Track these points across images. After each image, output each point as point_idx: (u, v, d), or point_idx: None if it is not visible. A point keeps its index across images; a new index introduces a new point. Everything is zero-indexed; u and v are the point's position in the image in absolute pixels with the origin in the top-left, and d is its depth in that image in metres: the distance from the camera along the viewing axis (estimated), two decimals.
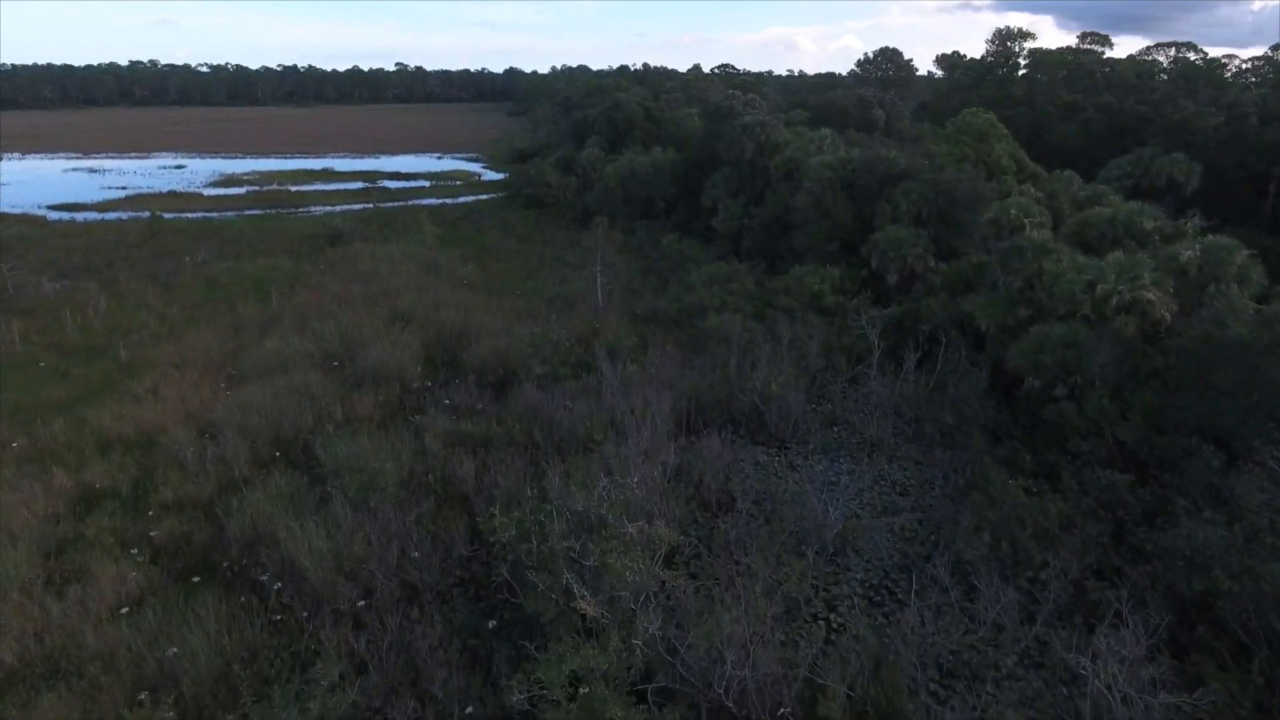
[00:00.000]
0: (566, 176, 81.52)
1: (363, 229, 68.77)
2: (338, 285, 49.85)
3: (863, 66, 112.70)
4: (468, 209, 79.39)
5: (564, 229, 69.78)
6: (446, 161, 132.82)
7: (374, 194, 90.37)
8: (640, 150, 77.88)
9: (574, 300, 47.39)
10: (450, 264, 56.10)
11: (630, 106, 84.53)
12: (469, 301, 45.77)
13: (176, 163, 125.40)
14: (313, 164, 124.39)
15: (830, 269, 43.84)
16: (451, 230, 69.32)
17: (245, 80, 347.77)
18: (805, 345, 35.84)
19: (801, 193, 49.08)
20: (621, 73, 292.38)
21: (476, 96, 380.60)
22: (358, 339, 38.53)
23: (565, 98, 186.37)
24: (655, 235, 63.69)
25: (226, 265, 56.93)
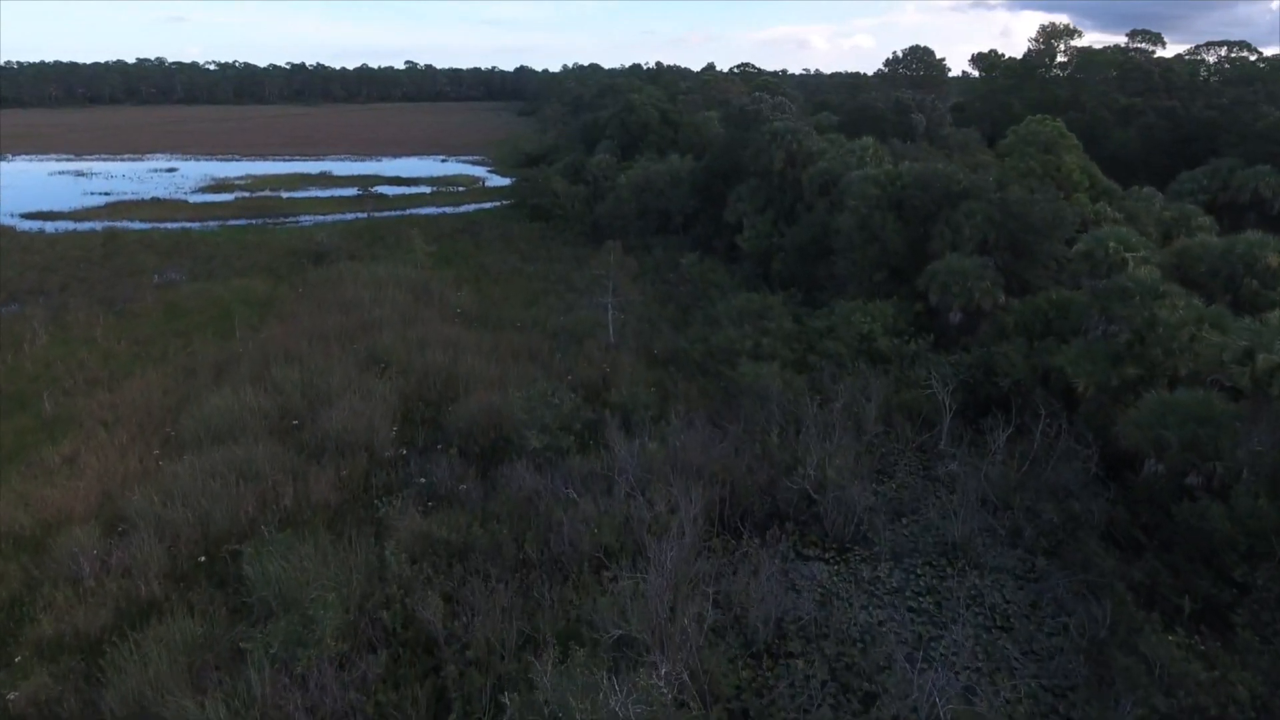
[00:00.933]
0: (575, 185, 75.32)
1: (351, 245, 62.77)
2: (313, 315, 43.80)
3: (890, 66, 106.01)
4: (468, 220, 73.33)
5: (571, 244, 63.60)
6: (451, 165, 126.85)
7: (369, 202, 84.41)
8: (656, 157, 71.63)
9: (582, 334, 41.18)
10: (443, 288, 49.98)
11: (645, 109, 78.32)
12: (460, 338, 39.59)
13: (169, 165, 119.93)
14: (311, 167, 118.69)
15: (880, 304, 37.46)
16: (448, 246, 63.23)
17: (252, 78, 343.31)
18: (860, 407, 29.51)
19: (844, 212, 42.70)
20: (633, 72, 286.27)
21: (486, 95, 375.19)
22: (324, 390, 32.42)
23: (575, 97, 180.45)
24: (673, 254, 57.41)
25: (195, 287, 51.02)
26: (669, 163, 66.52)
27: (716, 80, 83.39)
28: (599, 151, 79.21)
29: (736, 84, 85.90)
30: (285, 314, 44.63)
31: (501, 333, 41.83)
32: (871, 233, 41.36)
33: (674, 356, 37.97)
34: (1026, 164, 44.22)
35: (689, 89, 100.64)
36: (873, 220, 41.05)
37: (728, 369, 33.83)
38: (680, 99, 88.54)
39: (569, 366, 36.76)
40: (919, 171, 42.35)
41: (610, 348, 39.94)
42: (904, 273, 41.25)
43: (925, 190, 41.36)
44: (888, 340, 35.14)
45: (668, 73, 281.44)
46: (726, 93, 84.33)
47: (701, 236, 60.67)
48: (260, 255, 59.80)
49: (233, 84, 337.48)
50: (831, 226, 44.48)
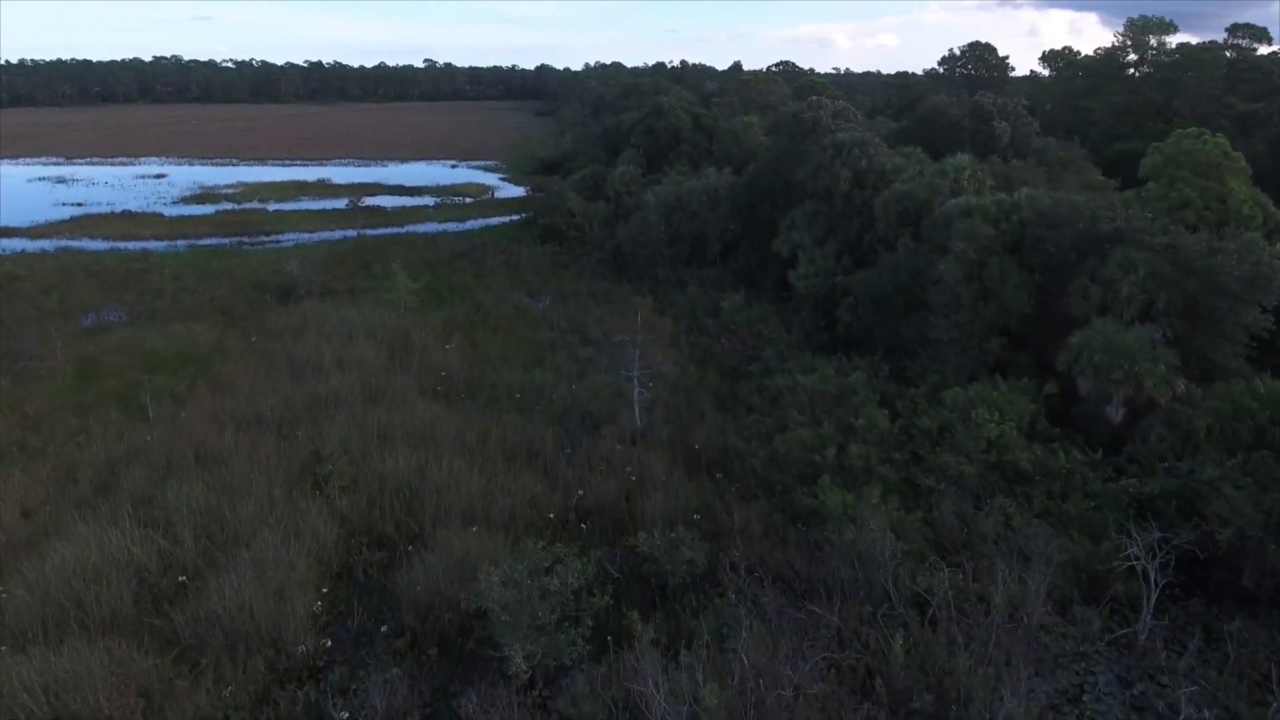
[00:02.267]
0: (594, 202, 65.50)
1: (330, 274, 53.34)
2: (256, 383, 34.25)
3: (947, 65, 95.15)
4: (471, 241, 63.68)
5: (588, 275, 53.71)
6: (461, 171, 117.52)
7: (362, 217, 75.07)
8: (688, 170, 61.66)
9: (599, 415, 31.31)
10: (427, 339, 40.29)
11: (675, 113, 68.29)
12: (437, 424, 29.83)
13: (159, 171, 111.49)
14: (310, 174, 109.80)
15: (1011, 392, 27.25)
16: (443, 276, 53.58)
17: (269, 77, 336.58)
18: (1018, 595, 19.35)
19: (943, 255, 32.46)
20: (657, 70, 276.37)
21: (506, 95, 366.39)
22: (231, 530, 22.80)
23: (596, 98, 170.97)
24: (711, 291, 47.43)
25: (127, 335, 41.73)
26: (704, 178, 56.46)
27: (756, 80, 73.39)
28: (622, 162, 69.31)
29: (778, 84, 75.89)
30: (223, 380, 35.06)
31: (494, 412, 32.04)
32: (983, 286, 31.15)
33: (722, 457, 28.01)
34: (1181, 193, 33.68)
35: (724, 90, 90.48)
36: (988, 270, 30.82)
37: (804, 495, 23.80)
38: (714, 102, 78.36)
39: (580, 475, 26.91)
40: (1048, 204, 32.04)
41: (636, 436, 30.07)
42: (1028, 340, 31.04)
43: (1057, 229, 31.09)
44: (1029, 452, 24.93)
45: (693, 71, 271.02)
46: (768, 94, 74.19)
47: (745, 270, 50.60)
48: (220, 288, 50.45)
49: (249, 83, 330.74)
50: (921, 272, 34.29)
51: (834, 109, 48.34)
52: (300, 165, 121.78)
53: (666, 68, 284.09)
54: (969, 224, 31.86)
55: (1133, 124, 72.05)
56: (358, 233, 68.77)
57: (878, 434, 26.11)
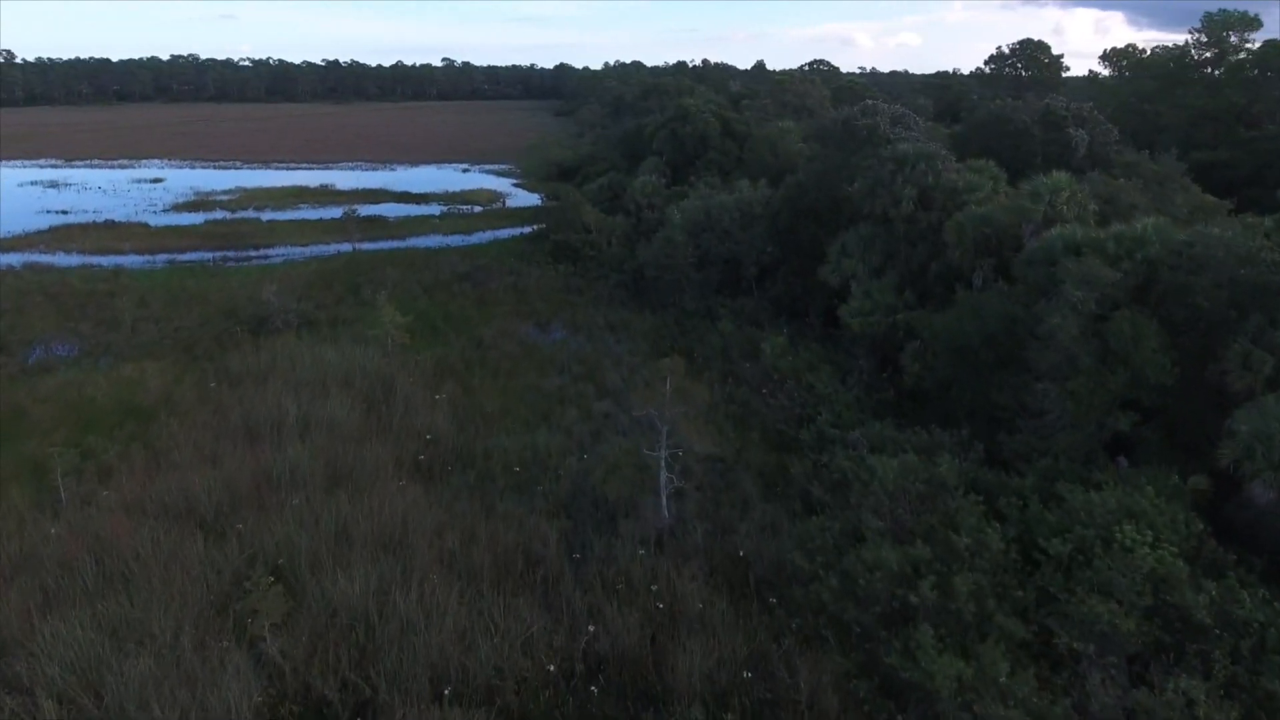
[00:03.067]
0: (612, 215, 59.17)
1: (316, 299, 47.47)
2: (199, 451, 28.19)
3: (994, 64, 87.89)
4: (475, 259, 57.48)
5: (605, 302, 47.39)
6: (472, 175, 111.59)
7: (361, 229, 69.16)
8: (717, 181, 55.19)
9: (616, 506, 24.98)
10: (414, 388, 34.10)
11: (702, 117, 61.71)
12: (412, 518, 23.63)
13: (156, 175, 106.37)
14: (314, 178, 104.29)
15: (1159, 496, 20.61)
16: (440, 302, 47.47)
17: (286, 75, 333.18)
18: None
19: (1053, 305, 25.81)
20: (679, 70, 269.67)
21: (524, 94, 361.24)
22: (114, 699, 16.68)
23: (616, 98, 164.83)
24: (747, 327, 40.96)
25: (70, 376, 35.85)
26: (737, 191, 49.95)
27: (790, 81, 66.68)
28: (643, 170, 62.91)
29: (815, 86, 69.14)
30: (162, 444, 29.01)
31: (486, 493, 25.81)
32: (1107, 345, 24.45)
33: (776, 573, 21.59)
34: None
35: (753, 91, 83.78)
36: (1114, 326, 24.14)
37: (895, 652, 17.32)
38: (744, 104, 71.66)
39: (591, 599, 20.60)
40: (1186, 241, 25.29)
41: (663, 535, 23.75)
42: (1168, 416, 24.36)
43: (1201, 274, 24.34)
44: (1201, 592, 18.26)
45: (715, 71, 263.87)
46: (804, 97, 67.50)
47: (785, 299, 44.05)
48: (188, 317, 44.60)
49: (265, 82, 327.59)
50: (1017, 321, 27.63)
51: (891, 115, 41.64)
52: (306, 169, 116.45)
53: (688, 67, 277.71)
54: (1084, 265, 25.15)
55: (1211, 131, 64.72)
56: (353, 248, 62.77)
57: (989, 558, 19.54)
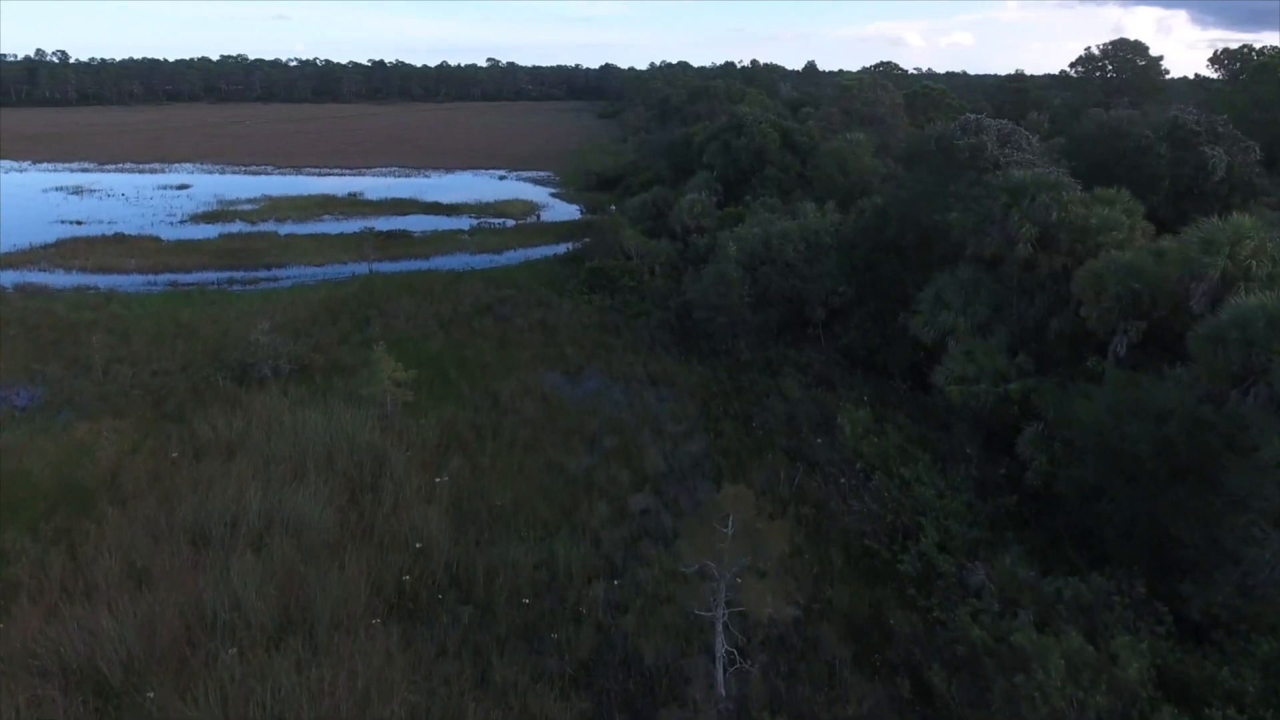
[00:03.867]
0: (655, 237, 52.58)
1: (315, 337, 41.69)
2: (124, 566, 22.21)
3: (1085, 66, 79.08)
4: (501, 288, 51.29)
5: (646, 347, 40.76)
6: (509, 183, 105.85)
7: (381, 247, 63.58)
8: (777, 203, 48.23)
9: (656, 676, 18.39)
10: (411, 468, 27.85)
11: (759, 129, 54.58)
12: (378, 689, 17.33)
13: (183, 181, 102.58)
14: (344, 186, 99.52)
15: None
16: (456, 343, 41.23)
17: (331, 75, 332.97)
18: None
19: (1263, 413, 18.44)
20: (726, 70, 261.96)
21: (569, 94, 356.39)
22: None
23: (662, 100, 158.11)
24: (816, 389, 33.95)
25: (13, 439, 30.35)
26: (801, 217, 42.98)
27: (859, 87, 59.03)
28: (692, 186, 56.12)
29: (888, 92, 61.34)
30: (86, 551, 23.08)
31: (483, 639, 19.42)
32: None
33: None
34: None
35: (815, 96, 76.28)
36: None
37: None
38: (805, 111, 64.24)
39: None
40: None
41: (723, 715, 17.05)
42: None
43: None
44: None
45: (765, 72, 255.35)
46: (875, 104, 59.91)
47: (860, 349, 36.93)
48: (169, 358, 39.05)
49: (312, 82, 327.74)
50: (1209, 426, 20.29)
51: (999, 132, 34.15)
52: (338, 174, 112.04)
53: (736, 68, 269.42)
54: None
55: None
56: (370, 269, 57.04)
57: None
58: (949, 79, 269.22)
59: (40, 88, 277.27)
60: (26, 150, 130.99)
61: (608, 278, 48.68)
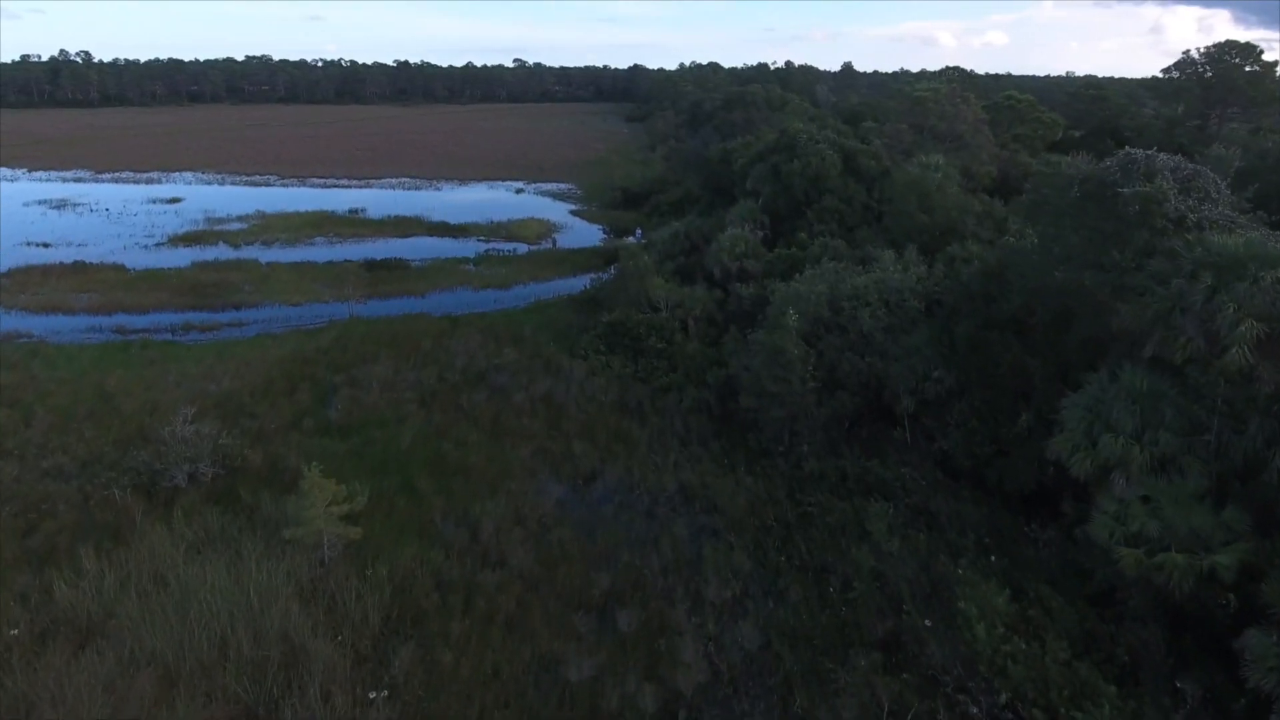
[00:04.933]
0: (689, 283, 43.57)
1: (258, 421, 33.08)
2: None
3: (1180, 71, 68.66)
4: (503, 339, 42.56)
5: (678, 439, 31.62)
6: (527, 198, 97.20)
7: (374, 280, 55.22)
8: (841, 246, 38.89)
9: None
10: (341, 660, 19.03)
11: (815, 150, 44.95)
12: None
13: (176, 194, 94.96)
14: (350, 199, 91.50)
15: None
16: (433, 428, 32.32)
17: (355, 77, 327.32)
18: None
19: None
20: (760, 72, 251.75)
21: (596, 96, 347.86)
22: None
23: (693, 104, 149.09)
24: (916, 535, 24.65)
25: None
26: (875, 267, 33.66)
27: (936, 98, 49.08)
28: (734, 218, 46.85)
29: (970, 106, 51.13)
30: None
31: None
32: None
33: None
34: None
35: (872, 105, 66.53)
36: None
37: None
38: (867, 128, 54.48)
39: None
40: None
41: None
42: None
43: None
44: None
45: (800, 73, 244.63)
46: (954, 119, 49.95)
47: (963, 459, 27.47)
48: (75, 447, 30.57)
49: (335, 83, 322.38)
50: None
51: (1176, 173, 24.49)
52: (345, 185, 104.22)
53: (770, 69, 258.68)
54: None
55: None
56: (350, 312, 48.47)
57: None
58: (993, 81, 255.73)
59: (63, 88, 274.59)
60: (26, 157, 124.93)
61: (630, 335, 39.63)
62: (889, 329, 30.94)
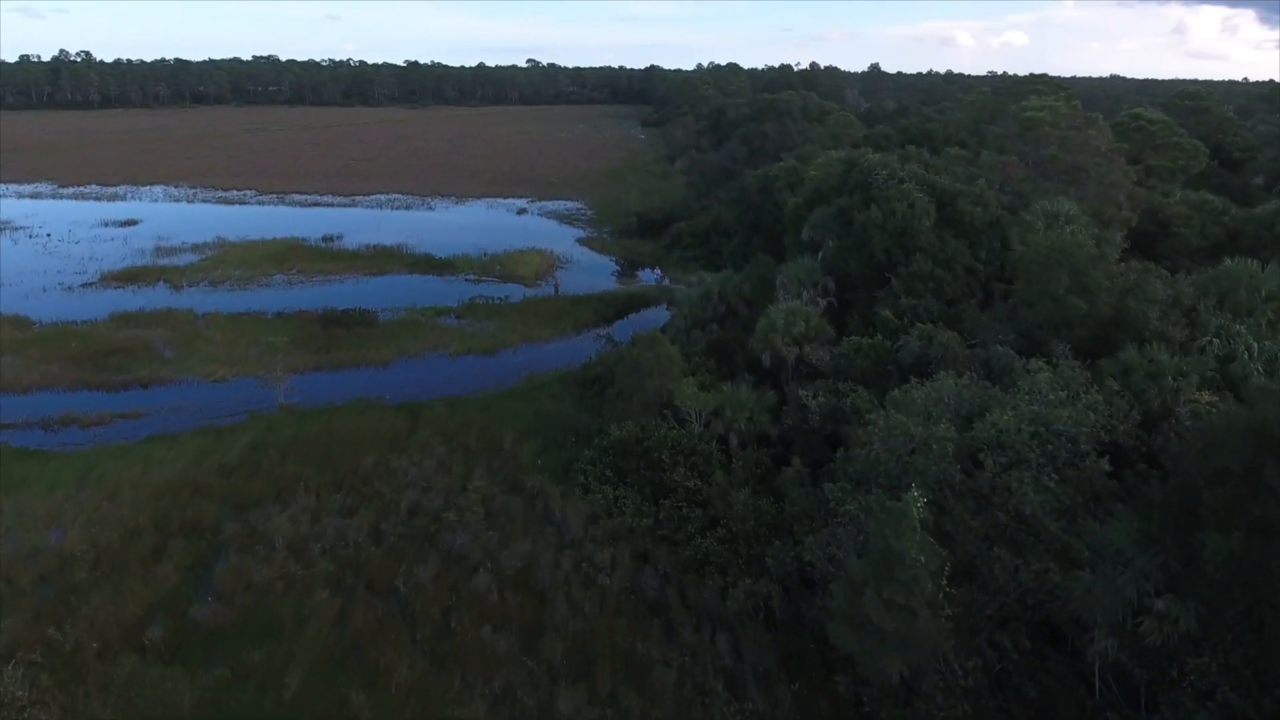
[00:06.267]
0: (725, 368, 32.03)
1: (72, 642, 21.81)
2: None
3: None
4: (474, 449, 31.20)
5: (720, 694, 20.04)
6: (530, 220, 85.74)
7: (327, 339, 44.08)
8: (954, 339, 27.16)
9: None
10: None
11: (904, 196, 32.53)
12: None
13: (135, 214, 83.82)
14: (326, 222, 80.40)
15: None
16: (337, 667, 21.02)
17: (363, 77, 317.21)
18: None
19: None
20: (783, 73, 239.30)
21: (612, 97, 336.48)
22: None
23: (715, 110, 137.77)
24: None
25: None
26: (1021, 388, 21.93)
27: (1055, 123, 37.06)
28: (788, 278, 35.02)
29: (1100, 131, 38.92)
30: None
31: None
32: None
33: None
34: None
35: (964, 125, 54.46)
36: None
37: None
38: (954, 154, 42.26)
39: None
40: None
41: None
42: None
43: None
44: None
45: (825, 76, 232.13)
46: (1083, 147, 37.59)
47: None
48: None
49: (343, 84, 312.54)
50: None
51: None
52: (328, 202, 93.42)
53: (793, 71, 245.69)
54: None
55: None
56: (280, 400, 37.10)
57: None
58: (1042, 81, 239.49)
59: (63, 90, 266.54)
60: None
61: (647, 459, 28.03)
62: (1059, 509, 19.27)
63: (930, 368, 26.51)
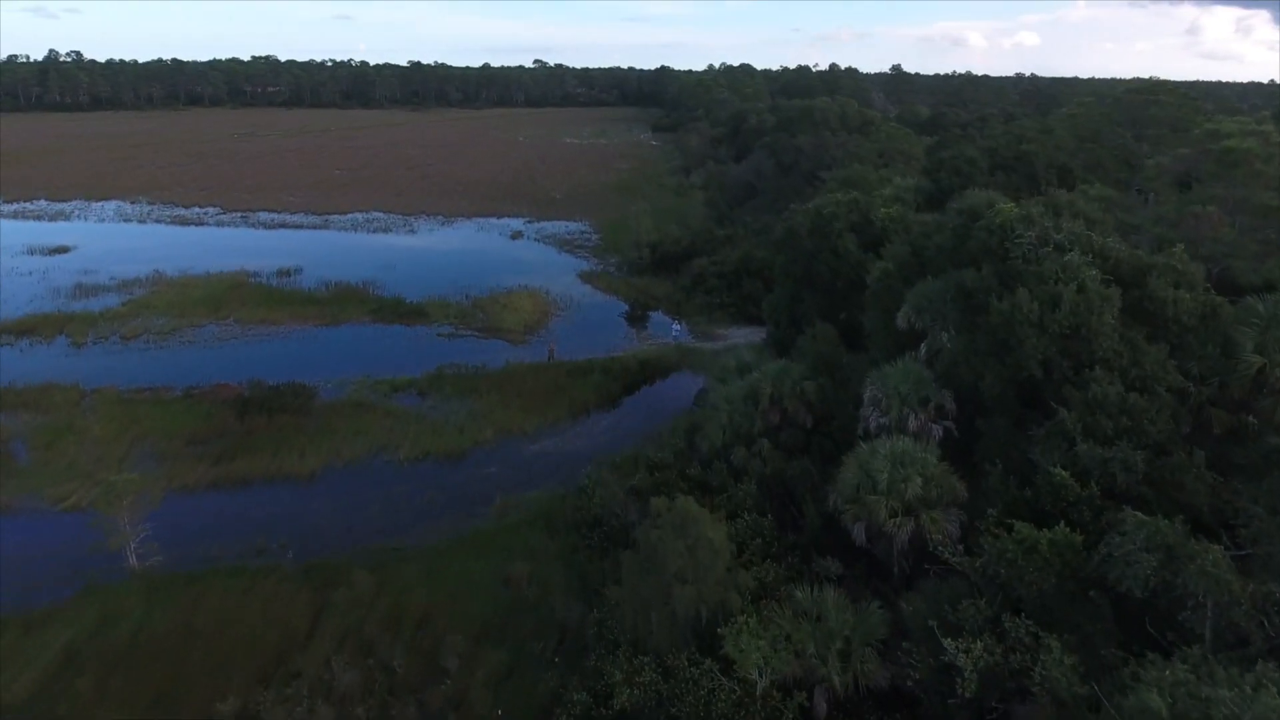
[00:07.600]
0: (771, 530, 20.37)
1: None
2: None
3: None
4: (397, 677, 19.83)
5: None
6: (525, 245, 74.17)
7: (230, 443, 32.64)
8: (1170, 527, 15.22)
9: None
10: None
11: (1070, 274, 20.83)
12: None
13: (68, 240, 72.38)
14: (286, 248, 69.21)
15: None
16: None
17: (364, 78, 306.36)
18: None
19: None
20: (801, 75, 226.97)
21: (621, 99, 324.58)
22: None
23: (734, 116, 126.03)
24: None
25: None
26: None
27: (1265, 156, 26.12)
28: (881, 389, 23.42)
29: None
30: None
31: None
32: None
33: None
34: None
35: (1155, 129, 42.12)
36: None
37: None
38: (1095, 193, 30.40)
39: None
40: None
41: None
42: None
43: None
44: None
45: (847, 77, 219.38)
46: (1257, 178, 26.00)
47: None
48: None
49: (342, 85, 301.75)
50: None
51: None
52: (298, 222, 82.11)
53: (811, 71, 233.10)
54: None
55: None
56: (134, 564, 25.63)
57: None
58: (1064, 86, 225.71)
59: (52, 91, 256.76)
60: None
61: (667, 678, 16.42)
62: None
63: (1172, 610, 14.80)
